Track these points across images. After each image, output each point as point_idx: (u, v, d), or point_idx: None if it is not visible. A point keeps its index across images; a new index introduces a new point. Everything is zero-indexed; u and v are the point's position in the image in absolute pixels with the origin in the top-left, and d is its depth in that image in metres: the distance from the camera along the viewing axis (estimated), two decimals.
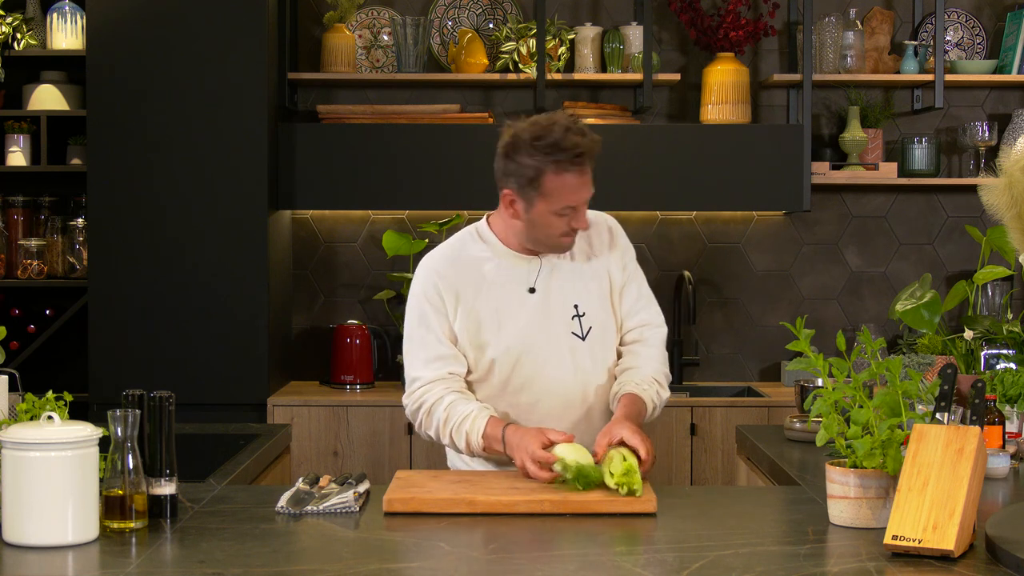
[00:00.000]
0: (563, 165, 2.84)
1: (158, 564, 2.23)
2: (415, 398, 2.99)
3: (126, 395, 2.47)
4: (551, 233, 2.94)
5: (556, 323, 3.01)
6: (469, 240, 3.07)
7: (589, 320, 3.03)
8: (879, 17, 5.24)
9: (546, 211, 2.90)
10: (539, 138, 2.84)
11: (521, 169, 2.87)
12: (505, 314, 2.99)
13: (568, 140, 2.83)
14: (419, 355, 3.00)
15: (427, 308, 2.99)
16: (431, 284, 3.00)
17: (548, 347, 3.00)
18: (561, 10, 5.28)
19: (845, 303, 5.35)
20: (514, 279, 3.01)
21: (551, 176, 2.85)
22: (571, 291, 3.03)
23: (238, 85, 4.74)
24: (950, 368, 2.97)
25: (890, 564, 2.17)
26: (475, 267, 3.02)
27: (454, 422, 2.92)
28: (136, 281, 4.75)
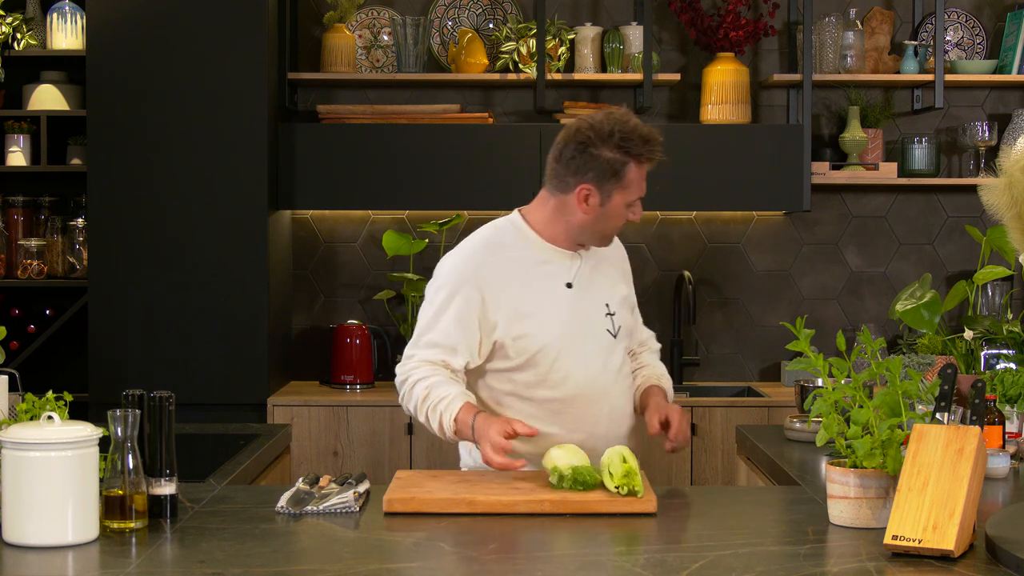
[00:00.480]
0: (643, 158, 2.95)
1: (158, 564, 2.23)
2: (404, 371, 3.02)
3: (126, 395, 2.47)
4: (616, 225, 3.02)
5: (593, 319, 3.07)
6: (506, 233, 3.09)
7: (618, 320, 3.10)
8: (879, 17, 5.24)
9: (621, 203, 2.97)
10: (624, 133, 2.93)
11: (603, 162, 2.93)
12: (546, 307, 3.01)
13: (650, 134, 2.95)
14: (424, 336, 3.01)
15: (457, 300, 2.98)
16: (471, 275, 3.00)
17: (587, 342, 3.04)
18: (561, 10, 5.28)
19: (845, 303, 5.35)
20: (553, 273, 3.05)
21: (633, 168, 2.95)
22: (603, 291, 3.10)
23: (238, 85, 4.74)
24: (950, 368, 2.97)
25: (890, 564, 2.17)
26: (515, 259, 3.04)
27: (431, 402, 2.93)
28: (136, 281, 4.75)
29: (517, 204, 4.99)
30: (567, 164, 2.97)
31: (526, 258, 3.04)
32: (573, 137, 2.97)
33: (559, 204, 3.02)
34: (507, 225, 3.10)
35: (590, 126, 2.95)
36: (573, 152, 2.96)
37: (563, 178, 2.99)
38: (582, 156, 2.94)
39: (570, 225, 3.02)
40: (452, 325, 2.97)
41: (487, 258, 3.03)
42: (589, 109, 5.11)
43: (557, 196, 3.02)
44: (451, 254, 3.09)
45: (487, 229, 3.12)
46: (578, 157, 2.95)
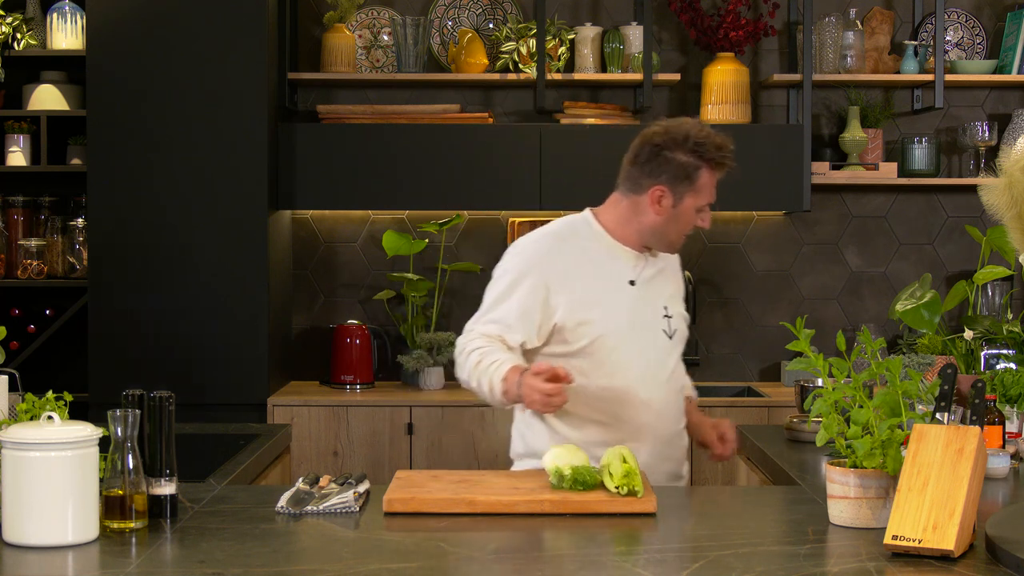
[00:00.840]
0: (715, 165, 3.07)
1: (158, 564, 2.23)
2: (463, 342, 3.09)
3: (126, 395, 2.47)
4: (684, 229, 3.12)
5: (652, 318, 3.14)
6: (578, 225, 3.19)
7: (675, 323, 3.19)
8: (879, 17, 5.24)
9: (692, 206, 3.07)
10: (699, 139, 3.05)
11: (677, 165, 3.04)
12: (609, 298, 3.09)
13: (723, 142, 3.07)
14: (489, 312, 3.10)
15: (523, 282, 3.07)
16: (538, 260, 3.10)
17: (645, 337, 3.12)
18: (561, 10, 5.28)
19: (845, 303, 5.35)
20: (618, 269, 3.14)
21: (706, 172, 3.06)
22: (662, 293, 3.19)
23: (238, 85, 4.74)
24: (950, 368, 2.97)
25: (890, 564, 2.17)
26: (583, 250, 3.13)
27: (483, 367, 3.00)
28: (136, 281, 4.75)
29: (517, 204, 5.05)
30: (642, 166, 3.09)
31: (594, 250, 3.14)
32: (649, 140, 3.09)
33: (631, 205, 3.12)
34: (578, 219, 3.21)
35: (665, 130, 3.08)
36: (648, 155, 3.08)
37: (637, 180, 3.10)
38: (657, 159, 3.06)
39: (641, 226, 3.12)
40: (515, 305, 3.06)
41: (557, 245, 3.13)
42: (589, 109, 5.12)
43: (630, 197, 3.12)
44: (522, 239, 3.20)
45: (559, 221, 3.23)
46: (653, 160, 3.07)
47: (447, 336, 5.05)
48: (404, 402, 4.79)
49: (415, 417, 4.77)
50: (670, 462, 3.15)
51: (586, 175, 4.97)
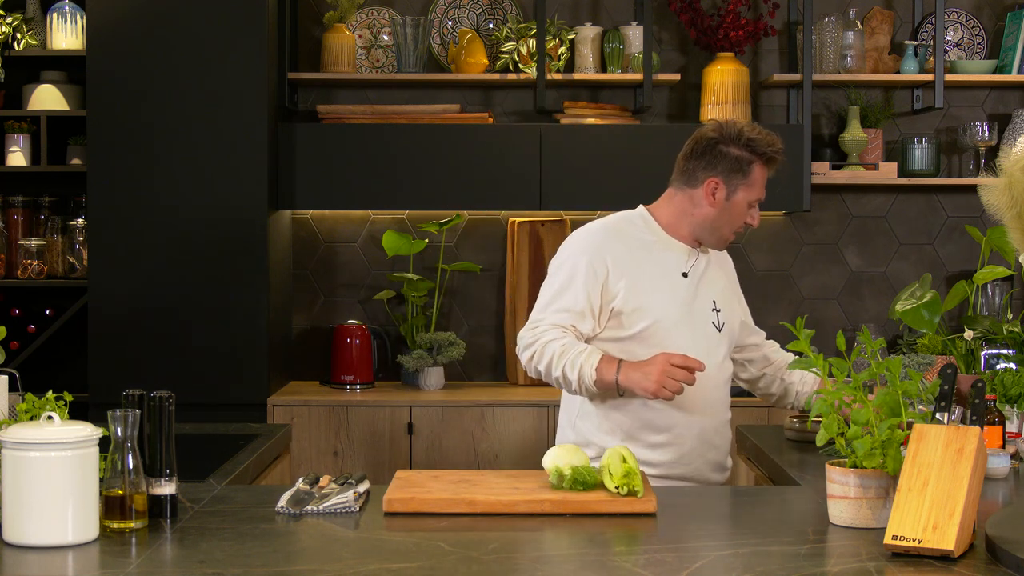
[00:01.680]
0: (768, 161, 3.19)
1: (158, 564, 2.23)
2: (534, 333, 3.14)
3: (126, 395, 2.47)
4: (736, 224, 3.22)
5: (702, 310, 3.24)
6: (632, 219, 3.29)
7: (724, 317, 3.29)
8: (879, 17, 5.24)
9: (744, 199, 3.19)
10: (752, 135, 3.18)
11: (731, 159, 3.17)
12: (663, 287, 3.19)
13: (773, 140, 3.20)
14: (554, 303, 3.16)
15: (583, 268, 3.15)
16: (596, 248, 3.18)
17: (695, 328, 3.20)
18: (561, 10, 5.28)
19: (845, 303, 5.35)
20: (671, 261, 3.23)
21: (759, 167, 3.18)
22: (713, 288, 3.29)
23: (238, 85, 4.74)
24: (950, 368, 2.96)
25: (890, 564, 2.17)
26: (638, 241, 3.22)
27: (569, 356, 3.06)
28: (136, 281, 4.75)
29: (517, 204, 5.05)
30: (697, 159, 3.21)
31: (648, 241, 3.23)
32: (704, 136, 3.22)
33: (685, 198, 3.23)
34: (633, 214, 3.31)
35: (718, 127, 3.21)
36: (704, 149, 3.20)
37: (692, 173, 3.21)
38: (712, 152, 3.18)
39: (695, 219, 3.22)
40: (581, 292, 3.13)
41: (612, 235, 3.23)
42: (589, 109, 5.12)
43: (684, 191, 3.23)
44: (577, 232, 3.27)
45: (613, 215, 3.32)
46: (708, 154, 3.19)
47: (447, 336, 5.05)
48: (404, 402, 4.79)
49: (415, 417, 4.77)
50: (715, 451, 3.23)
51: (586, 175, 4.97)
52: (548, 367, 3.10)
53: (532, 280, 5.17)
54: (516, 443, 4.78)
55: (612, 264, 3.15)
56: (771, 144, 3.18)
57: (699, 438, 3.18)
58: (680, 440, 3.15)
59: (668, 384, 2.98)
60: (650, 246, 3.22)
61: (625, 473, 2.60)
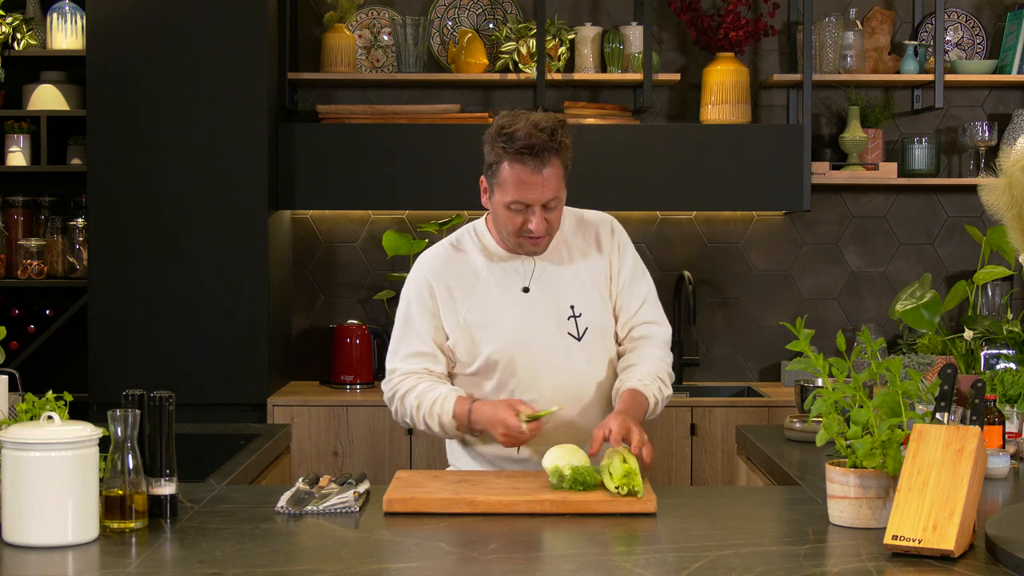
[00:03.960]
0: (516, 157, 2.87)
1: (158, 564, 2.23)
2: (391, 386, 3.06)
3: (126, 395, 2.47)
4: (508, 228, 2.96)
5: (550, 323, 3.02)
6: (465, 238, 3.10)
7: (586, 321, 3.03)
8: (879, 17, 5.24)
9: (500, 202, 2.93)
10: (502, 128, 2.90)
11: (489, 157, 2.94)
12: (499, 313, 3.00)
13: (526, 134, 2.86)
14: (399, 350, 3.06)
15: (415, 307, 3.04)
16: (424, 283, 3.05)
17: (543, 347, 3.01)
18: (561, 10, 5.28)
19: (845, 303, 5.35)
20: (508, 278, 3.03)
21: (506, 167, 2.90)
22: (567, 291, 3.04)
23: (238, 85, 4.74)
24: (950, 368, 2.97)
25: (890, 564, 2.17)
26: (470, 265, 3.04)
27: (425, 408, 2.97)
28: (136, 281, 4.75)
29: None
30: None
31: (479, 263, 3.04)
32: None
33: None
34: (467, 230, 3.12)
35: (494, 122, 2.96)
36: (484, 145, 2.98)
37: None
38: (485, 149, 2.97)
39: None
40: (423, 333, 3.02)
41: (440, 267, 3.05)
42: (589, 109, 5.12)
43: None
44: (416, 261, 3.12)
45: (451, 235, 3.14)
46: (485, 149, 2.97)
47: None
48: None
49: None
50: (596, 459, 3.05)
51: (586, 175, 4.96)
52: (414, 422, 3.01)
53: None
54: None
55: (442, 300, 3.00)
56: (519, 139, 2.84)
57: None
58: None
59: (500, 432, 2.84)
60: (479, 269, 3.02)
61: (625, 473, 2.61)
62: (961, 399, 3.04)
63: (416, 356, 3.02)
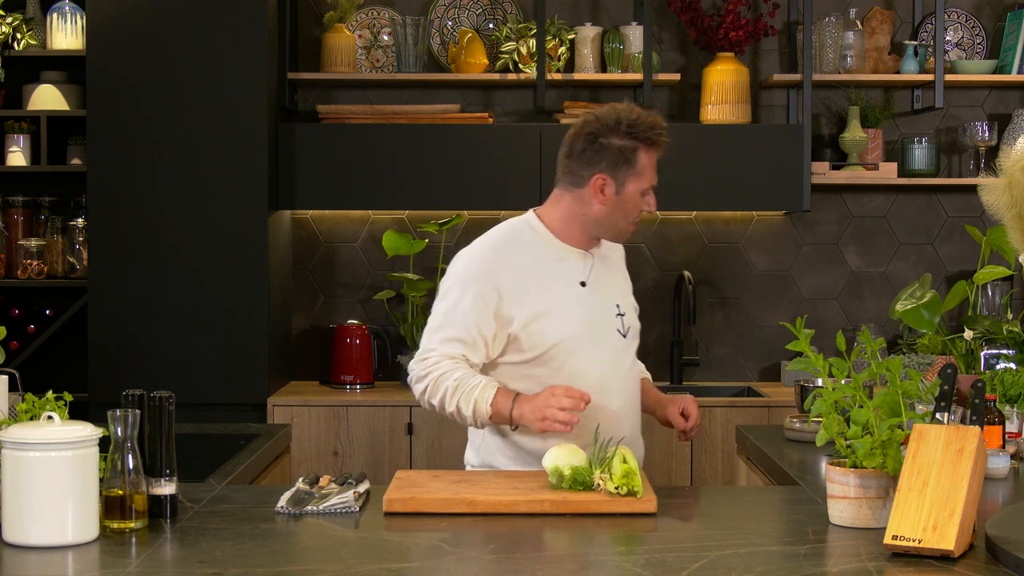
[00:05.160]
0: (653, 144, 3.01)
1: (158, 564, 2.23)
2: (425, 366, 3.02)
3: (126, 395, 2.47)
4: (631, 216, 3.06)
5: (605, 319, 3.09)
6: (523, 230, 3.12)
7: (628, 321, 3.14)
8: (879, 17, 5.24)
9: (636, 190, 3.02)
10: (630, 121, 2.99)
11: (614, 151, 2.99)
12: (562, 304, 3.03)
13: (655, 120, 3.02)
14: (442, 331, 3.02)
15: (469, 294, 3.00)
16: (485, 273, 3.02)
17: (600, 341, 3.06)
18: (561, 10, 5.28)
19: (845, 303, 5.35)
20: (567, 272, 3.07)
21: (643, 153, 3.00)
22: (614, 291, 3.15)
23: (238, 85, 4.74)
24: (950, 368, 2.97)
25: (890, 564, 2.17)
26: (531, 256, 3.06)
27: (463, 390, 2.95)
28: (136, 281, 4.75)
29: (517, 204, 5.04)
30: (579, 158, 3.02)
31: (541, 255, 3.06)
32: (581, 131, 3.03)
33: (574, 199, 3.06)
34: (522, 224, 3.13)
35: (596, 118, 3.01)
36: (584, 145, 3.01)
37: (576, 172, 3.03)
38: (592, 147, 3.00)
39: (587, 220, 3.06)
40: (469, 320, 2.99)
41: (503, 254, 3.05)
42: (589, 109, 5.11)
43: (572, 191, 3.06)
44: (466, 250, 3.11)
45: (502, 227, 3.14)
46: (589, 149, 3.00)
47: None
48: (404, 402, 4.79)
49: (415, 417, 4.77)
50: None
51: None
52: (442, 402, 2.98)
53: None
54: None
55: (504, 289, 2.99)
56: (653, 126, 3.00)
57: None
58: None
59: (556, 416, 2.85)
60: (544, 260, 3.05)
61: (625, 473, 2.61)
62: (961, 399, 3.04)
63: (456, 342, 3.00)
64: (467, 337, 2.99)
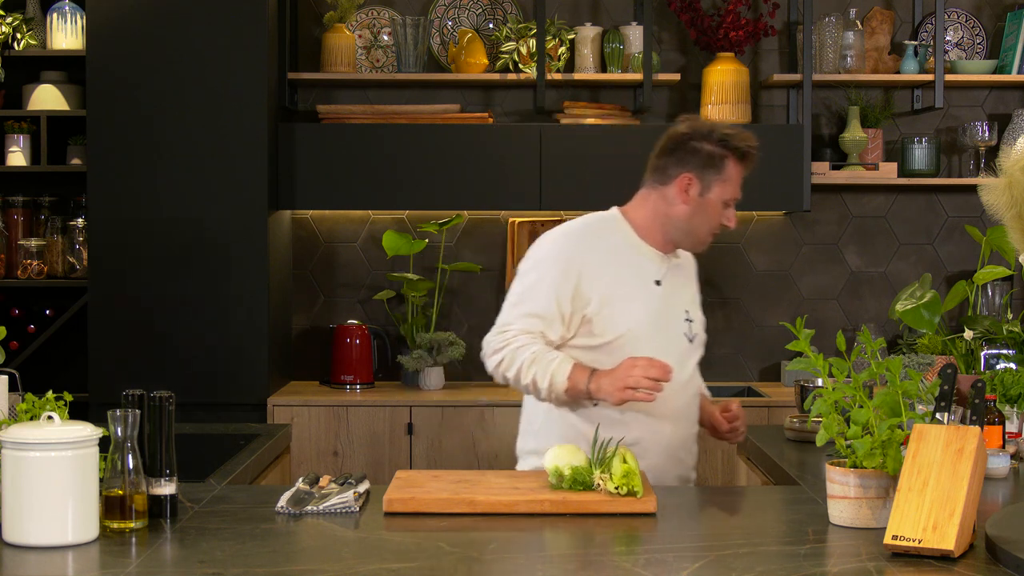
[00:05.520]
0: (743, 157, 3.11)
1: (158, 564, 2.23)
2: (503, 338, 3.06)
3: (126, 395, 2.47)
4: (711, 224, 3.12)
5: (674, 321, 3.17)
6: (606, 223, 3.18)
7: (695, 328, 3.23)
8: (879, 17, 5.24)
9: (718, 197, 3.09)
10: (724, 131, 3.10)
11: (704, 154, 3.08)
12: (635, 296, 3.09)
13: (748, 136, 3.13)
14: (522, 306, 3.06)
15: (555, 273, 3.05)
16: (570, 252, 3.08)
17: (666, 340, 3.12)
18: (561, 10, 5.28)
19: (845, 303, 5.35)
20: (644, 268, 3.13)
21: (733, 163, 3.09)
22: (685, 296, 3.23)
23: (238, 85, 4.74)
24: (950, 368, 2.97)
25: (890, 564, 2.17)
26: (613, 246, 3.13)
27: (540, 364, 2.99)
28: (136, 281, 4.75)
29: (517, 204, 5.05)
30: (669, 156, 3.12)
31: (622, 247, 3.13)
32: (676, 132, 3.14)
33: (659, 197, 3.13)
34: (606, 216, 3.21)
35: (690, 125, 3.13)
36: (675, 145, 3.11)
37: (665, 170, 3.12)
38: (684, 148, 3.10)
39: (669, 219, 3.12)
40: (550, 298, 3.04)
41: (586, 239, 3.12)
42: (589, 109, 5.12)
43: (657, 189, 3.14)
44: (549, 233, 3.17)
45: (585, 217, 3.22)
46: (680, 149, 3.10)
47: (447, 336, 5.05)
48: (404, 402, 4.79)
49: (415, 417, 4.78)
50: (681, 466, 3.15)
51: (586, 175, 4.97)
52: (517, 374, 3.02)
53: None
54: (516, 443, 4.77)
55: (585, 270, 3.04)
56: (745, 140, 3.10)
57: (665, 452, 3.09)
58: (645, 453, 3.01)
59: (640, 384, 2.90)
60: (624, 252, 3.12)
61: (625, 473, 2.61)
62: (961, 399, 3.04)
63: (535, 317, 3.04)
64: (546, 313, 3.04)
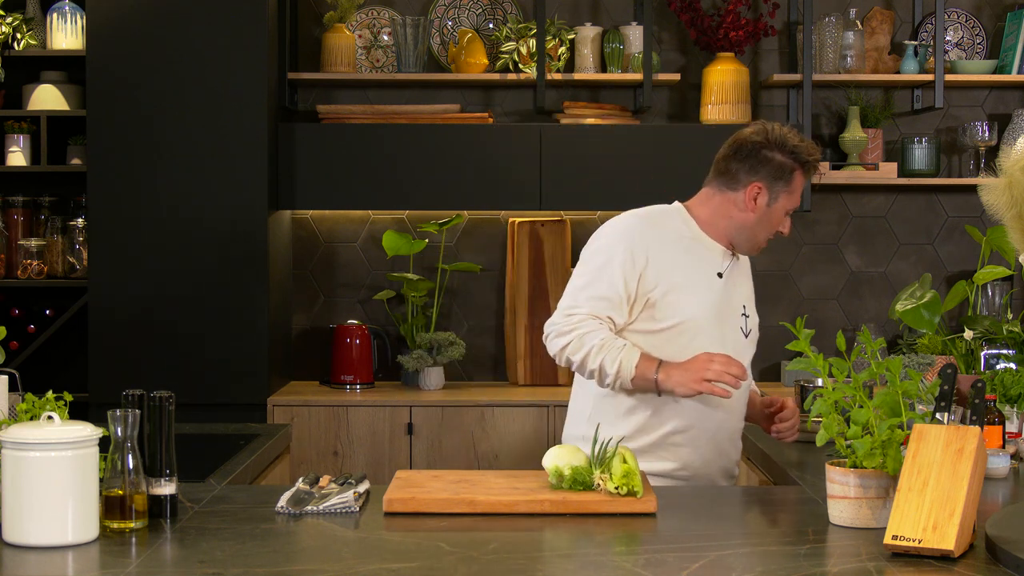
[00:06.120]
0: (810, 169, 3.16)
1: (158, 564, 2.23)
2: (570, 322, 3.06)
3: (126, 395, 2.47)
4: (771, 230, 3.19)
5: (732, 314, 3.21)
6: (672, 212, 3.22)
7: (751, 324, 3.28)
8: (879, 17, 5.24)
9: (783, 207, 3.16)
10: (796, 143, 3.14)
11: (775, 165, 3.12)
12: (700, 284, 3.13)
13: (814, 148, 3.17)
14: (589, 290, 3.08)
15: (622, 256, 3.08)
16: (636, 236, 3.11)
17: (725, 330, 3.15)
18: (561, 10, 5.28)
19: (845, 303, 5.35)
20: (707, 261, 3.17)
21: (799, 175, 3.15)
22: (743, 291, 3.28)
23: (238, 85, 4.74)
24: (950, 368, 2.97)
25: (890, 564, 2.17)
26: (679, 236, 3.17)
27: (609, 351, 3.01)
28: (136, 281, 4.75)
29: (517, 204, 5.05)
30: (741, 162, 3.15)
31: (686, 237, 3.17)
32: (748, 139, 3.17)
33: (724, 201, 3.18)
34: (671, 208, 3.24)
35: (764, 131, 3.16)
36: (748, 152, 3.15)
37: (735, 175, 3.15)
38: (756, 157, 3.13)
39: (733, 222, 3.17)
40: (618, 280, 3.06)
41: (652, 225, 3.16)
42: (589, 109, 5.12)
43: (724, 193, 3.18)
44: (614, 219, 3.20)
45: (650, 207, 3.25)
46: (752, 157, 3.14)
47: (447, 336, 5.05)
48: (404, 402, 4.79)
49: (415, 417, 4.78)
50: (726, 459, 3.18)
51: (586, 175, 4.97)
52: (584, 359, 3.03)
53: (532, 280, 5.17)
54: (516, 443, 4.78)
55: (652, 254, 3.08)
56: (812, 152, 3.15)
57: (712, 443, 3.12)
58: (694, 443, 3.08)
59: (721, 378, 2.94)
60: (688, 242, 3.16)
61: (624, 473, 2.61)
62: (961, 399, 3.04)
63: (603, 300, 3.06)
64: (614, 296, 3.06)
